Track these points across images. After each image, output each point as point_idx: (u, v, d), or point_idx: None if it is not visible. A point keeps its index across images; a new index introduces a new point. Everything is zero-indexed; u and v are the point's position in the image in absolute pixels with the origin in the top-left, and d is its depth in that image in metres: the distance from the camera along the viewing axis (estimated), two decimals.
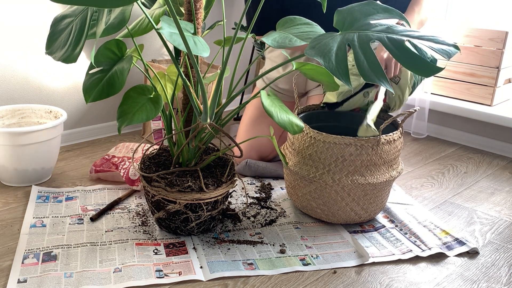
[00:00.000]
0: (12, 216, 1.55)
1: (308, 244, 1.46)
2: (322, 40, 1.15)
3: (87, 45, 2.05)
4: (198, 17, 1.37)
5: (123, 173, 1.71)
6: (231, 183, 1.44)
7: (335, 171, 1.46)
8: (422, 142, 2.41)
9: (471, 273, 1.37)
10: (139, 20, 1.42)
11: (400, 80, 1.64)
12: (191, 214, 1.39)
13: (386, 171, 1.50)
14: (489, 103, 2.39)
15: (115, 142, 2.20)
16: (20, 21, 1.88)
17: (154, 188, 1.37)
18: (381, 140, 1.46)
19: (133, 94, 1.30)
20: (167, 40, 1.13)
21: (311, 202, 1.54)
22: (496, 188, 1.93)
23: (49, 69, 2.01)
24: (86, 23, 1.21)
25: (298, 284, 1.29)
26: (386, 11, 1.22)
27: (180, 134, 1.43)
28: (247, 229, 1.53)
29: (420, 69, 1.11)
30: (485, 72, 2.38)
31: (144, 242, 1.42)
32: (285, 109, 1.32)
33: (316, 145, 1.47)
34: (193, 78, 1.43)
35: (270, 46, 1.27)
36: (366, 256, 1.40)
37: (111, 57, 1.32)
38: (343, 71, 1.10)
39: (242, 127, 1.99)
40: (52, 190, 1.70)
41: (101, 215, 1.55)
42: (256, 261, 1.37)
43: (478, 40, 2.38)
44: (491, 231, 1.61)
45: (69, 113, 2.11)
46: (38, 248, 1.37)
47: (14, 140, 1.63)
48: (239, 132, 2.01)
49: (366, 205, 1.52)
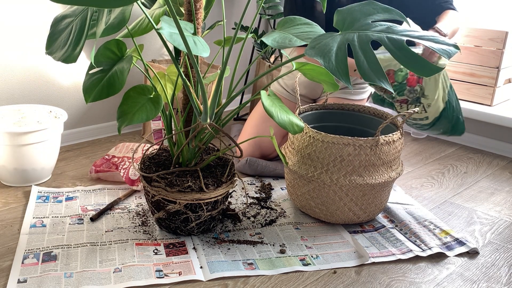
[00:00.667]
0: (12, 216, 1.55)
1: (308, 244, 1.46)
2: (322, 40, 1.15)
3: (87, 45, 2.05)
4: (198, 17, 1.37)
5: (123, 173, 1.71)
6: (231, 183, 1.44)
7: (333, 170, 1.46)
8: (422, 142, 2.41)
9: (471, 273, 1.37)
10: (139, 20, 1.42)
11: (425, 90, 1.60)
12: (191, 214, 1.39)
13: (385, 171, 1.50)
14: (489, 103, 2.39)
15: (115, 142, 2.20)
16: (20, 21, 1.88)
17: (154, 188, 1.37)
18: (380, 141, 1.46)
19: (133, 94, 1.30)
20: (167, 40, 1.13)
21: (310, 201, 1.54)
22: (496, 188, 1.93)
23: (49, 69, 2.01)
24: (86, 23, 1.21)
25: (298, 284, 1.29)
26: (386, 11, 1.22)
27: (180, 134, 1.43)
28: (247, 229, 1.53)
29: (420, 69, 1.11)
30: (485, 72, 2.38)
31: (144, 242, 1.42)
32: (285, 109, 1.32)
33: (315, 144, 1.47)
34: (193, 78, 1.43)
35: (270, 46, 1.27)
36: (366, 256, 1.40)
37: (111, 57, 1.32)
38: (343, 71, 1.10)
39: (250, 122, 2.01)
40: (52, 190, 1.70)
41: (101, 215, 1.55)
42: (256, 261, 1.37)
43: (478, 40, 2.38)
44: (491, 231, 1.61)
45: (69, 113, 2.11)
46: (38, 248, 1.37)
47: (14, 140, 1.63)
48: (245, 127, 2.02)
49: (364, 206, 1.52)
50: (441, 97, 1.62)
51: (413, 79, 1.59)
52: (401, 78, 1.59)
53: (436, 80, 1.60)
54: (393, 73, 1.59)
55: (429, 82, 1.60)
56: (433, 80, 1.60)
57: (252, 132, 1.96)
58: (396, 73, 1.59)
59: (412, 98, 1.61)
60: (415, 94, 1.59)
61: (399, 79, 1.59)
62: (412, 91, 1.59)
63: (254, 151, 1.93)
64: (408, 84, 1.59)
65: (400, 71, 1.58)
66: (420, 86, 1.59)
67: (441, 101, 1.62)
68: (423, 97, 1.60)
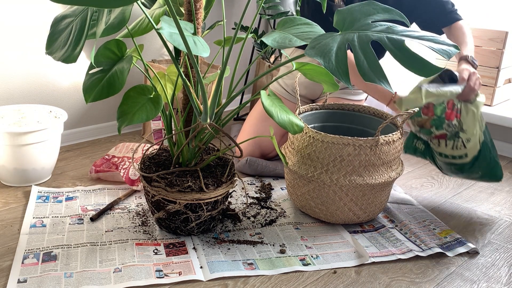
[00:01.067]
0: (12, 216, 1.55)
1: (308, 244, 1.46)
2: (322, 40, 1.15)
3: (87, 45, 2.05)
4: (198, 17, 1.37)
5: (123, 173, 1.71)
6: (231, 183, 1.44)
7: (333, 171, 1.46)
8: None
9: (471, 273, 1.37)
10: (139, 20, 1.42)
11: (463, 124, 1.57)
12: (191, 214, 1.39)
13: (385, 172, 1.50)
14: (489, 103, 2.39)
15: (115, 142, 2.20)
16: (20, 21, 1.88)
17: (154, 188, 1.37)
18: (380, 141, 1.46)
19: (133, 94, 1.30)
20: (167, 40, 1.13)
21: (310, 201, 1.54)
22: (496, 188, 1.93)
23: (49, 69, 2.01)
24: (86, 23, 1.21)
25: (298, 284, 1.29)
26: (386, 11, 1.22)
27: (180, 134, 1.43)
28: (247, 229, 1.53)
29: (420, 69, 1.11)
30: (485, 72, 2.38)
31: (144, 242, 1.42)
32: (285, 109, 1.32)
33: (315, 144, 1.47)
34: (193, 78, 1.43)
35: (270, 46, 1.27)
36: (366, 256, 1.40)
37: (111, 57, 1.32)
38: (343, 71, 1.10)
39: (249, 121, 2.01)
40: (52, 190, 1.70)
41: (101, 215, 1.55)
42: (256, 261, 1.37)
43: (478, 40, 2.37)
44: (491, 231, 1.61)
45: (69, 113, 2.11)
46: (38, 248, 1.37)
47: (14, 140, 1.63)
48: (244, 126, 2.03)
49: (364, 206, 1.52)
50: (478, 135, 1.59)
51: (451, 113, 1.56)
52: (439, 112, 1.56)
53: (474, 114, 1.57)
54: (433, 106, 1.57)
55: (466, 116, 1.57)
56: (471, 115, 1.57)
57: (251, 131, 1.96)
58: (435, 107, 1.56)
59: (451, 133, 1.58)
60: (453, 128, 1.56)
61: (438, 112, 1.57)
62: (450, 125, 1.56)
63: (254, 150, 1.93)
64: (446, 118, 1.56)
65: (439, 105, 1.56)
66: (458, 120, 1.56)
67: (478, 139, 1.59)
68: (462, 131, 1.57)
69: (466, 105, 1.57)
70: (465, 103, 1.57)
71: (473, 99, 1.57)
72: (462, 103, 1.57)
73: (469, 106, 1.57)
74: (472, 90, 1.57)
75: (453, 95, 1.55)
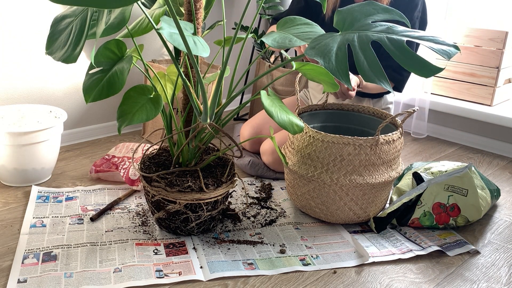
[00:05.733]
0: (12, 216, 1.55)
1: (308, 244, 1.46)
2: (322, 40, 1.15)
3: (87, 45, 2.05)
4: (198, 17, 1.37)
5: (123, 173, 1.71)
6: (231, 183, 1.44)
7: (333, 170, 1.46)
8: (422, 142, 2.41)
9: (471, 273, 1.37)
10: (139, 20, 1.42)
11: (468, 190, 1.55)
12: (191, 214, 1.39)
13: (385, 171, 1.50)
14: (489, 103, 2.39)
15: (115, 142, 2.20)
16: (20, 21, 1.88)
17: (154, 188, 1.37)
18: (380, 140, 1.46)
19: (133, 94, 1.30)
20: (167, 40, 1.13)
21: (310, 201, 1.54)
22: None
23: (49, 69, 2.01)
24: (86, 23, 1.21)
25: (298, 284, 1.29)
26: (386, 11, 1.22)
27: (180, 134, 1.43)
28: (247, 229, 1.53)
29: (420, 70, 1.11)
30: (485, 72, 2.38)
31: (144, 242, 1.42)
32: (285, 109, 1.32)
33: (315, 144, 1.47)
34: (193, 78, 1.43)
35: (270, 46, 1.27)
36: (366, 256, 1.40)
37: (111, 57, 1.32)
38: (343, 71, 1.10)
39: (257, 115, 2.08)
40: (52, 190, 1.70)
41: (101, 215, 1.55)
42: (256, 261, 1.37)
43: (478, 40, 2.38)
44: (491, 231, 1.61)
45: (69, 113, 2.11)
46: (38, 248, 1.37)
47: (14, 140, 1.63)
48: (251, 118, 2.09)
49: (364, 205, 1.52)
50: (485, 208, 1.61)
51: (441, 215, 1.54)
52: (429, 222, 1.54)
53: (476, 206, 1.56)
54: (417, 220, 1.55)
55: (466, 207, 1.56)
56: (472, 198, 1.56)
57: (257, 124, 2.03)
58: (420, 220, 1.54)
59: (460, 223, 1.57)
60: (459, 223, 1.57)
61: (427, 223, 1.55)
62: (453, 225, 1.56)
63: (255, 147, 1.97)
64: (439, 223, 1.55)
65: (423, 215, 1.54)
66: (454, 219, 1.55)
67: (487, 199, 1.63)
68: (468, 222, 1.58)
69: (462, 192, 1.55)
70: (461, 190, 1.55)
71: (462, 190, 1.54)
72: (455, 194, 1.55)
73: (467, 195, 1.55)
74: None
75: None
